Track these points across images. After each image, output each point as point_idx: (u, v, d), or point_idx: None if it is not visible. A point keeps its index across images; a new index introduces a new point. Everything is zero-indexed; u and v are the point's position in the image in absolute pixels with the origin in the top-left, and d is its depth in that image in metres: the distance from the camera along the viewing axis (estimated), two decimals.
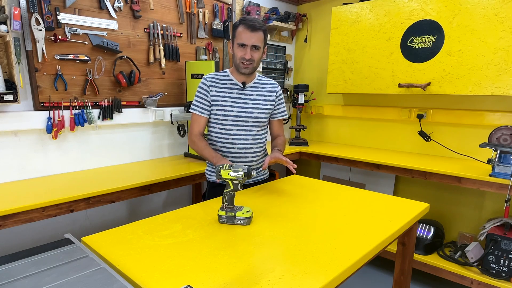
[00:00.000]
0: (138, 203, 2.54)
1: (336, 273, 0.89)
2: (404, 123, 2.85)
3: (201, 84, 1.66)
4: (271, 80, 1.76)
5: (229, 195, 1.22)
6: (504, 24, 2.05)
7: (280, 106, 1.76)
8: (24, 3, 1.75)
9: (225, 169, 1.23)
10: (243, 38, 1.52)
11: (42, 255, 0.95)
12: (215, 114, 1.65)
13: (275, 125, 1.79)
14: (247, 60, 1.55)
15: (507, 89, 2.08)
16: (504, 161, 1.96)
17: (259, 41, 1.53)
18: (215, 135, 1.68)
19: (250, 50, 1.53)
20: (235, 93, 1.65)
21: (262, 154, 1.76)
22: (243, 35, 1.51)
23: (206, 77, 1.67)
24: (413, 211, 1.37)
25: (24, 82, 1.83)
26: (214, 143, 1.70)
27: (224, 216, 1.21)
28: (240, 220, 1.20)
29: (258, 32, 1.52)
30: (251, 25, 1.50)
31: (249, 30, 1.51)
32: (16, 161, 1.86)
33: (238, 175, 1.22)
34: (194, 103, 1.67)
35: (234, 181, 1.23)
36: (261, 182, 1.77)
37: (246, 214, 1.21)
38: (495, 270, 2.07)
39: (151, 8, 2.27)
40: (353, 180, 3.15)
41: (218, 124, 1.66)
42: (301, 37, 3.49)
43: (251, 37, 1.51)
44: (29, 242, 2.01)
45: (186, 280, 0.85)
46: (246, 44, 1.52)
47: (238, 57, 1.56)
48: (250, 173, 1.22)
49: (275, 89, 1.74)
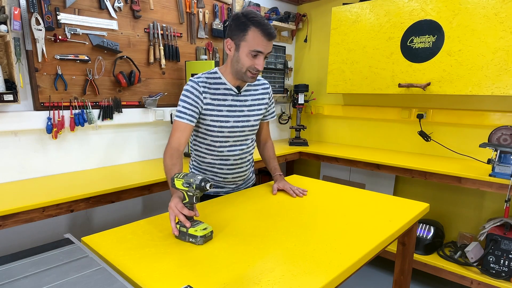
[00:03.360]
0: (138, 203, 2.54)
1: (336, 273, 0.89)
2: (404, 123, 2.85)
3: (190, 88, 1.37)
4: (261, 79, 1.57)
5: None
6: (504, 24, 2.05)
7: (271, 106, 1.61)
8: (24, 3, 1.75)
9: (179, 178, 1.07)
10: (260, 46, 1.28)
11: (42, 255, 0.95)
12: (208, 125, 1.42)
13: (265, 128, 1.65)
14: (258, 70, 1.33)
15: (507, 89, 2.08)
16: (504, 161, 1.96)
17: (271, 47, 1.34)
18: (205, 147, 1.47)
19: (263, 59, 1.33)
20: (230, 100, 1.43)
21: (252, 160, 1.64)
22: (260, 41, 1.28)
23: (197, 81, 1.39)
24: (413, 211, 1.37)
25: (24, 82, 1.83)
26: (203, 157, 1.50)
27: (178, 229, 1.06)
28: (191, 238, 1.03)
29: (273, 40, 1.32)
30: (269, 33, 1.28)
31: (267, 38, 1.28)
32: (16, 161, 1.86)
33: (189, 187, 1.04)
34: (181, 110, 1.36)
35: (188, 192, 1.06)
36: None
37: (199, 232, 1.02)
38: (495, 270, 2.07)
39: (151, 8, 2.27)
40: (353, 180, 3.15)
41: (210, 136, 1.44)
42: (301, 37, 3.49)
43: (268, 45, 1.30)
44: (29, 242, 2.01)
45: (186, 280, 0.85)
46: (262, 53, 1.30)
47: (247, 65, 1.32)
48: (203, 186, 1.02)
49: (267, 90, 1.56)
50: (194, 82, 1.39)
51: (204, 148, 1.49)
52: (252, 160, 1.66)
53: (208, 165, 1.52)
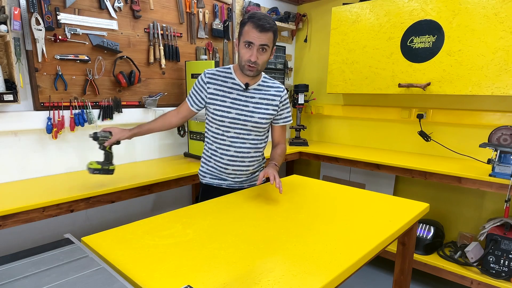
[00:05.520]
0: (138, 203, 2.54)
1: (336, 273, 0.89)
2: (404, 123, 2.85)
3: (199, 78, 1.60)
4: (277, 83, 1.64)
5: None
6: (504, 24, 2.05)
7: (284, 111, 1.65)
8: (24, 3, 1.75)
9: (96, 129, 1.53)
10: (250, 36, 1.40)
11: (42, 255, 0.94)
12: (212, 113, 1.57)
13: (277, 131, 1.69)
14: (253, 62, 1.43)
15: (507, 89, 2.08)
16: (504, 161, 1.96)
17: (268, 41, 1.42)
18: (212, 134, 1.62)
19: (256, 51, 1.42)
20: (236, 94, 1.55)
21: (260, 159, 1.70)
22: (251, 33, 1.39)
23: (206, 72, 1.59)
24: (413, 211, 1.37)
25: (24, 82, 1.83)
26: (210, 143, 1.64)
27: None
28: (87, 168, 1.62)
29: (268, 33, 1.40)
30: (260, 24, 1.38)
31: (258, 29, 1.38)
32: (16, 161, 1.86)
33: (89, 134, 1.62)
34: (189, 93, 1.63)
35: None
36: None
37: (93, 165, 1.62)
38: (495, 270, 2.07)
39: (151, 8, 2.27)
40: (353, 180, 3.15)
41: (215, 124, 1.59)
42: (301, 37, 3.49)
43: (259, 37, 1.39)
44: (29, 242, 2.01)
45: (186, 280, 0.85)
46: (253, 43, 1.41)
47: (244, 59, 1.44)
48: (94, 136, 1.60)
49: (280, 93, 1.61)
50: (204, 74, 1.59)
51: (210, 135, 1.63)
52: (261, 160, 1.70)
53: (213, 152, 1.64)
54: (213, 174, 1.68)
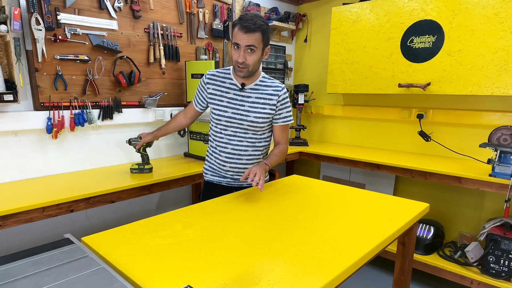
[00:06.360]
0: (138, 203, 2.54)
1: (336, 273, 0.89)
2: (404, 123, 2.85)
3: (201, 79, 1.69)
4: (276, 82, 1.63)
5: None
6: (504, 24, 2.05)
7: (283, 111, 1.63)
8: (24, 3, 1.75)
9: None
10: (237, 38, 1.43)
11: (42, 255, 0.95)
12: (212, 113, 1.65)
13: (276, 130, 1.68)
14: (240, 63, 1.46)
15: (507, 89, 2.08)
16: (504, 161, 1.96)
17: (255, 42, 1.42)
18: (213, 132, 1.69)
19: (244, 52, 1.44)
20: (232, 93, 1.59)
21: (260, 158, 1.68)
22: (237, 35, 1.43)
23: (207, 73, 1.66)
24: (413, 211, 1.37)
25: (24, 82, 1.83)
26: (212, 141, 1.71)
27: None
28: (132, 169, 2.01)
29: (254, 33, 1.41)
30: (245, 26, 1.40)
31: (243, 31, 1.40)
32: (16, 161, 1.86)
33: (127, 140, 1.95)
34: (194, 95, 1.74)
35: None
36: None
37: (133, 166, 2.00)
38: (495, 270, 2.07)
39: (151, 8, 2.27)
40: (353, 180, 3.15)
41: (214, 123, 1.65)
42: (301, 37, 3.49)
43: (244, 38, 1.41)
44: (29, 242, 2.01)
45: (186, 280, 0.85)
46: (239, 44, 1.43)
47: (233, 59, 1.48)
48: (129, 142, 1.91)
49: (278, 92, 1.59)
50: (205, 75, 1.67)
51: (212, 133, 1.70)
52: (258, 159, 1.69)
53: (214, 149, 1.69)
54: (214, 171, 1.72)
